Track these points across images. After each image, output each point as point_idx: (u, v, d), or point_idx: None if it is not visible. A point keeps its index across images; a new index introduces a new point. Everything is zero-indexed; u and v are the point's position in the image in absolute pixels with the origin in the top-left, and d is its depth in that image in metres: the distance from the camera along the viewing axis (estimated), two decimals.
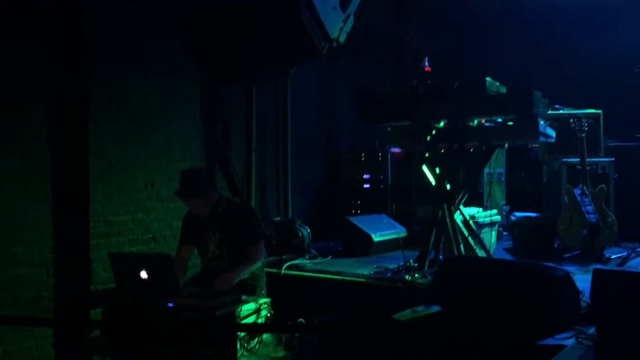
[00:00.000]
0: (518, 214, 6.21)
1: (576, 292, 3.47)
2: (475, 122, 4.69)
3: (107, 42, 4.56)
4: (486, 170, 6.55)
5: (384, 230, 5.95)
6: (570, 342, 3.05)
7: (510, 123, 4.54)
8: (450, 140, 4.65)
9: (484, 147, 4.67)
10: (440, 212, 4.64)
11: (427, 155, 4.73)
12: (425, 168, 4.84)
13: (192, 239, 3.99)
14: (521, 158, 7.20)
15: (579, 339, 3.03)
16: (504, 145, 5.04)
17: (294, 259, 5.30)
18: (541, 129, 4.40)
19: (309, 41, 4.17)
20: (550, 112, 6.23)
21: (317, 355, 3.61)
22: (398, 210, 6.61)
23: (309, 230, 5.76)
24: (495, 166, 6.76)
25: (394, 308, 4.06)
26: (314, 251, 5.55)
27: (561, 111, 6.16)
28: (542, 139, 4.55)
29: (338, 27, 4.44)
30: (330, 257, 5.60)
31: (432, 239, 4.59)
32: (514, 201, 7.11)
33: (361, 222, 5.96)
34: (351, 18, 4.61)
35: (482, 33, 7.96)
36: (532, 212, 6.62)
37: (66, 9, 4.24)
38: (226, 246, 3.89)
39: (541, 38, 7.56)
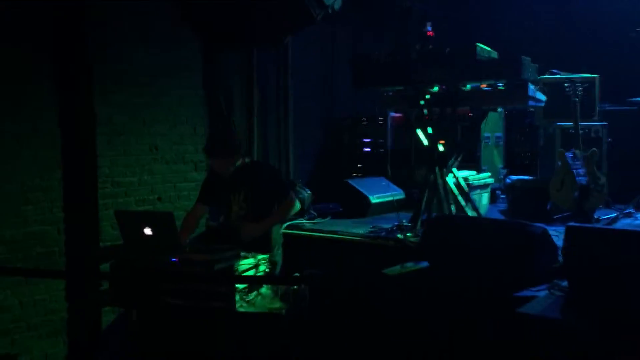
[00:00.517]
0: (513, 177, 6.38)
1: (554, 247, 3.67)
2: (468, 86, 4.82)
3: (109, 16, 4.73)
4: (484, 134, 6.71)
5: (382, 193, 6.14)
6: (543, 293, 3.25)
7: (502, 88, 4.67)
8: (444, 104, 4.80)
9: (475, 111, 4.80)
10: (432, 174, 4.81)
11: (420, 118, 4.88)
12: (419, 132, 5.00)
13: (211, 199, 4.20)
14: (520, 122, 7.31)
15: (551, 291, 3.23)
16: (496, 109, 5.15)
17: (293, 220, 5.53)
18: (531, 93, 4.53)
19: (303, 8, 4.32)
20: (547, 76, 6.39)
21: (310, 307, 3.85)
22: (397, 174, 6.78)
23: (309, 192, 5.96)
24: (494, 130, 6.92)
25: (385, 265, 4.29)
26: (313, 212, 5.76)
27: (558, 75, 6.26)
28: (532, 103, 4.68)
29: None
30: (329, 217, 5.82)
31: (424, 200, 4.78)
32: (513, 165, 7.25)
33: (360, 184, 6.16)
34: None
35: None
36: (529, 175, 6.80)
37: None
38: (252, 205, 4.11)
39: (542, 3, 7.59)
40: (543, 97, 4.88)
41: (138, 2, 4.93)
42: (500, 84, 4.63)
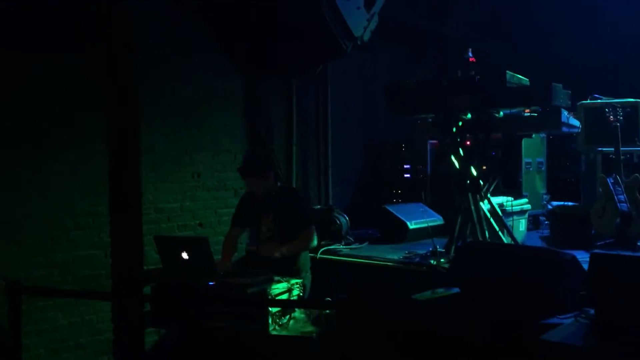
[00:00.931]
0: (555, 203, 6.31)
1: (584, 275, 3.63)
2: (502, 113, 4.86)
3: (155, 52, 5.02)
4: (526, 159, 6.67)
5: (419, 219, 6.19)
6: (569, 320, 3.23)
7: (535, 114, 4.68)
8: (476, 130, 4.85)
9: (509, 138, 4.82)
10: (465, 200, 4.84)
11: (453, 145, 4.93)
12: (453, 158, 5.05)
13: (245, 220, 4.37)
14: (563, 148, 7.23)
15: (578, 318, 3.21)
16: (531, 135, 5.15)
17: (331, 245, 5.65)
18: (564, 119, 4.54)
19: (333, 40, 4.48)
20: (588, 101, 6.33)
21: (341, 331, 3.93)
22: (436, 199, 6.81)
23: (347, 218, 6.08)
24: (536, 156, 6.87)
25: (417, 290, 4.34)
26: (350, 238, 5.86)
27: (599, 100, 6.19)
28: (565, 129, 4.67)
29: (362, 26, 4.73)
30: (366, 243, 5.91)
31: (457, 226, 4.80)
32: (556, 190, 7.16)
33: (398, 210, 6.23)
34: (375, 17, 4.88)
35: (524, 23, 8.01)
36: (572, 201, 6.70)
37: (119, 23, 4.73)
38: (279, 227, 4.25)
39: (585, 28, 7.54)
40: (577, 123, 4.87)
41: (181, 37, 5.21)
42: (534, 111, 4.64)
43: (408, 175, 7.14)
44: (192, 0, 4.76)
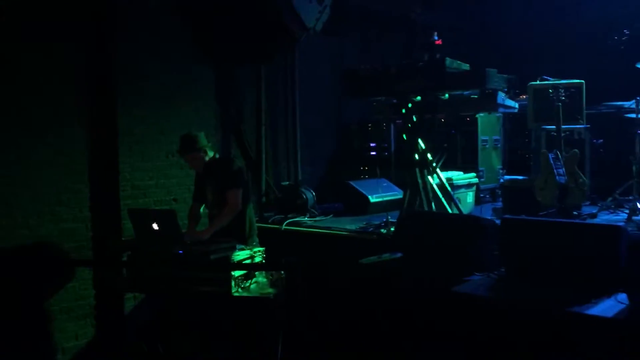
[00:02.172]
0: (507, 177, 6.81)
1: None
2: (447, 95, 5.32)
3: (130, 38, 5.43)
4: (482, 137, 7.15)
5: (381, 193, 6.68)
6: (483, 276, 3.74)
7: (475, 96, 5.15)
8: (423, 111, 5.31)
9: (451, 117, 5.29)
10: (413, 175, 5.33)
11: (403, 124, 5.40)
12: (404, 136, 5.52)
13: (199, 195, 4.89)
14: (520, 125, 7.70)
15: (490, 274, 3.72)
16: (474, 115, 5.61)
17: (296, 217, 6.15)
18: (500, 100, 5.00)
19: (288, 32, 4.93)
20: (538, 82, 6.79)
21: (290, 290, 4.42)
22: (399, 175, 7.28)
23: (313, 193, 6.57)
24: (492, 134, 7.35)
25: (368, 255, 4.84)
26: (314, 211, 6.36)
27: (545, 82, 6.64)
28: (501, 109, 5.14)
29: (314, 18, 5.17)
30: (331, 216, 6.40)
31: (406, 199, 5.30)
32: (514, 166, 7.66)
33: (361, 185, 6.72)
34: (327, 9, 5.31)
35: (486, 8, 8.45)
36: (526, 175, 7.19)
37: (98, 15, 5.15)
38: (218, 195, 4.74)
39: (540, 11, 7.98)
40: (514, 104, 5.33)
41: (155, 27, 5.62)
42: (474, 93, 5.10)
43: (374, 153, 7.62)
44: None
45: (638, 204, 5.18)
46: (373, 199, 6.52)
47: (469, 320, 3.33)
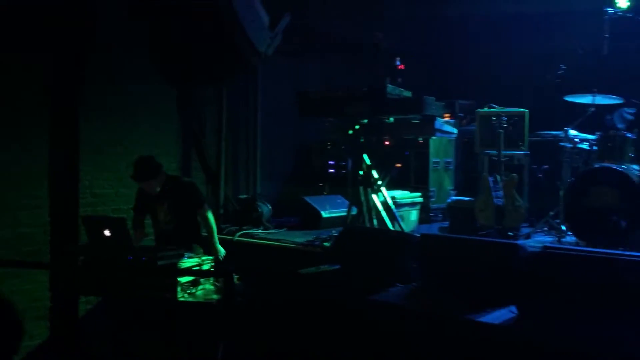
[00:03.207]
0: (453, 198, 7.19)
1: None
2: (392, 119, 5.70)
3: (95, 55, 5.74)
4: (433, 159, 7.54)
5: (335, 208, 7.00)
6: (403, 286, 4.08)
7: (417, 121, 5.53)
8: (369, 133, 5.68)
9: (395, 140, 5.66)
10: (358, 193, 5.67)
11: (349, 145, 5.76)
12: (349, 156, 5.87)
13: (142, 210, 5.19)
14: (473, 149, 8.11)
15: (411, 285, 4.06)
16: (418, 138, 5.99)
17: (250, 229, 6.46)
18: (437, 126, 5.38)
19: (240, 55, 5.30)
20: (485, 109, 7.20)
21: (230, 297, 4.70)
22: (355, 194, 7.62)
23: (269, 206, 6.89)
24: (444, 156, 7.73)
25: (310, 266, 5.15)
26: (269, 224, 6.67)
27: (493, 109, 7.06)
28: (438, 134, 5.52)
29: (266, 43, 5.54)
30: (284, 229, 6.71)
31: (349, 215, 5.63)
32: (466, 187, 8.03)
33: (315, 201, 7.03)
34: (279, 35, 5.68)
35: (444, 37, 8.92)
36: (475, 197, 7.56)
37: (63, 27, 5.46)
38: (174, 212, 5.06)
39: (493, 44, 8.47)
40: (452, 129, 5.71)
41: (119, 43, 5.93)
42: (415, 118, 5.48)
43: (332, 171, 7.96)
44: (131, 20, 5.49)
45: (563, 227, 5.54)
46: (325, 214, 6.83)
47: (382, 323, 3.65)
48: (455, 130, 5.83)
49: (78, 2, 5.36)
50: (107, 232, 4.73)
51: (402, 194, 6.40)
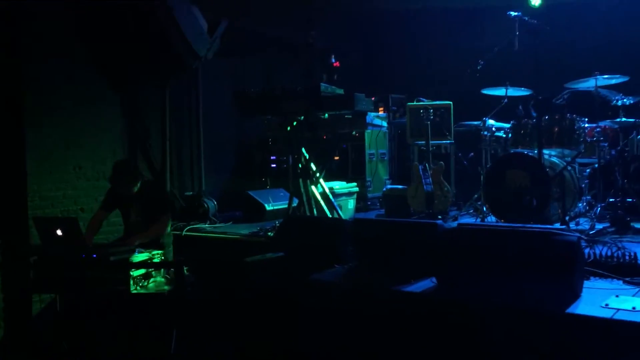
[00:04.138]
0: (388, 186, 7.70)
1: None
2: (326, 115, 6.12)
3: (40, 60, 5.90)
4: (369, 151, 8.03)
5: (278, 201, 7.39)
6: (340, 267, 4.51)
7: (349, 116, 5.97)
8: (306, 129, 6.08)
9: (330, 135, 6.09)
10: (297, 185, 6.08)
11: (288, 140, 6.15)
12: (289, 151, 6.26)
13: (111, 207, 5.41)
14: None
15: (347, 265, 4.49)
16: (353, 132, 6.44)
17: (197, 224, 6.77)
18: (368, 120, 5.84)
19: (181, 60, 5.60)
20: (415, 103, 7.74)
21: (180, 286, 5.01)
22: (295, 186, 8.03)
23: (214, 202, 7.22)
24: (379, 147, 8.24)
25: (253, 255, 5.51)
26: (215, 219, 7.00)
27: (422, 102, 7.60)
28: (370, 128, 5.98)
29: (205, 48, 5.86)
30: (230, 222, 7.05)
31: (290, 206, 6.03)
32: (401, 176, 8.58)
33: (259, 195, 7.40)
34: (217, 40, 6.02)
35: (377, 34, 9.43)
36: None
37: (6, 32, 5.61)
38: (145, 215, 5.32)
39: (422, 40, 9.04)
40: (382, 123, 6.19)
41: (63, 47, 6.11)
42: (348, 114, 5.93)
43: (274, 166, 8.35)
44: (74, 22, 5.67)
45: (484, 208, 6.11)
46: (269, 207, 7.21)
47: (321, 301, 4.07)
48: (385, 124, 6.31)
49: (17, 9, 5.52)
50: (59, 232, 4.96)
51: (339, 185, 6.84)
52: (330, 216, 6.19)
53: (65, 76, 6.17)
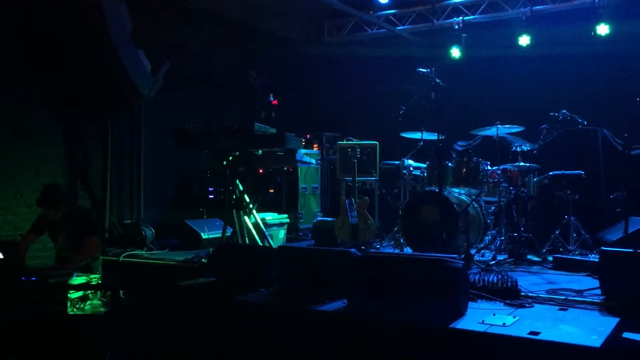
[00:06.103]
0: (319, 218, 8.25)
1: None
2: (260, 151, 6.64)
3: None
4: (302, 185, 8.59)
5: (213, 230, 7.80)
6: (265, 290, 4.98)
7: (281, 153, 6.51)
8: (241, 164, 6.57)
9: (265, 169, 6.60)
10: (230, 215, 6.53)
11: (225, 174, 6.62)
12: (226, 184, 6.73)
13: (42, 231, 5.70)
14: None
15: (270, 289, 4.96)
16: (284, 168, 6.98)
17: (134, 251, 7.10)
18: (298, 157, 6.39)
19: (125, 97, 6.05)
20: (344, 142, 8.39)
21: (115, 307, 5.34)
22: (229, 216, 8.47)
23: (152, 230, 7.56)
24: (312, 182, 8.81)
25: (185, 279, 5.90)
26: (152, 245, 7.34)
27: (350, 141, 8.25)
28: (299, 164, 6.53)
29: (148, 87, 6.32)
30: (167, 250, 7.40)
31: (223, 234, 6.47)
32: (333, 209, 9.16)
33: (195, 224, 7.80)
34: (160, 80, 6.49)
35: (311, 77, 10.11)
36: None
37: None
38: (72, 240, 5.63)
39: (352, 83, 9.77)
40: (310, 160, 6.76)
41: (6, 77, 6.40)
42: (280, 151, 6.46)
43: (212, 197, 8.77)
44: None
45: (402, 240, 6.73)
46: (205, 235, 7.62)
47: (245, 320, 4.53)
48: (313, 161, 6.87)
49: None
50: (0, 255, 5.24)
51: (271, 216, 7.34)
52: (261, 244, 6.66)
53: (8, 105, 6.47)
